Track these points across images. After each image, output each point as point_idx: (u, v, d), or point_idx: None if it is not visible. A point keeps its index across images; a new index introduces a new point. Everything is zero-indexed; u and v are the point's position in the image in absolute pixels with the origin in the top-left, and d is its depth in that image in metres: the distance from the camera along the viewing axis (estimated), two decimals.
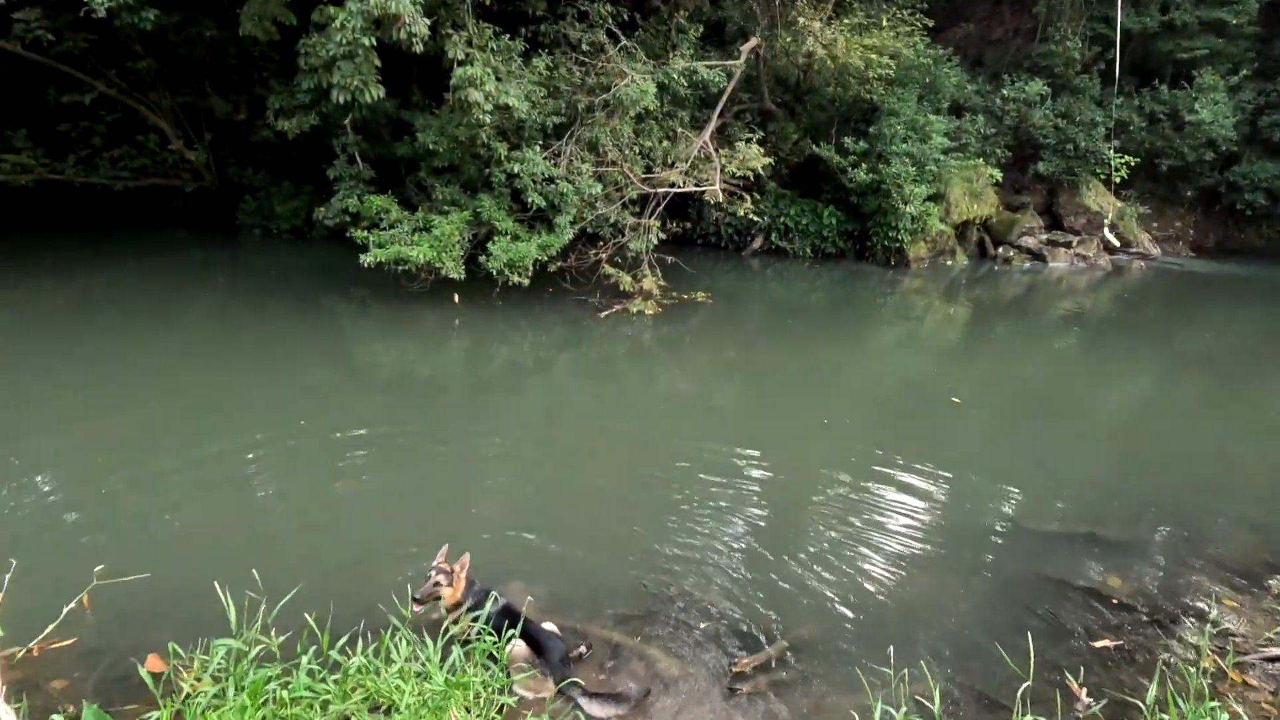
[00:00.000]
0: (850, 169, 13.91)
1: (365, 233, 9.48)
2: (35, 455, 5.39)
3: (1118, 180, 17.39)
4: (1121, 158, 16.89)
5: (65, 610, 3.34)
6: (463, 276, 9.39)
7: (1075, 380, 9.35)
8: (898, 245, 14.44)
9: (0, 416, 6.21)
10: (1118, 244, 17.65)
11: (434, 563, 3.53)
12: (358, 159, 10.65)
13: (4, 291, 10.07)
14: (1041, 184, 18.00)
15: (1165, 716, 3.05)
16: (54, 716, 2.69)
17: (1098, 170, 17.36)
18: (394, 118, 11.95)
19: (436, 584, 3.47)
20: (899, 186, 13.54)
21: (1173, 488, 6.00)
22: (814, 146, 14.47)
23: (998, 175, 16.14)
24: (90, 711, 1.33)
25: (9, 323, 8.93)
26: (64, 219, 14.52)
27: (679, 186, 11.14)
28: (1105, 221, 17.62)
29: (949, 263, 15.59)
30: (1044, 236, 17.09)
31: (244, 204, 14.37)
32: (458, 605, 3.50)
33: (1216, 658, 3.74)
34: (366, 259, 9.08)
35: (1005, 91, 16.85)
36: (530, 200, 9.74)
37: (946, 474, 6.02)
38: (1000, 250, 16.55)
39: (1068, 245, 16.82)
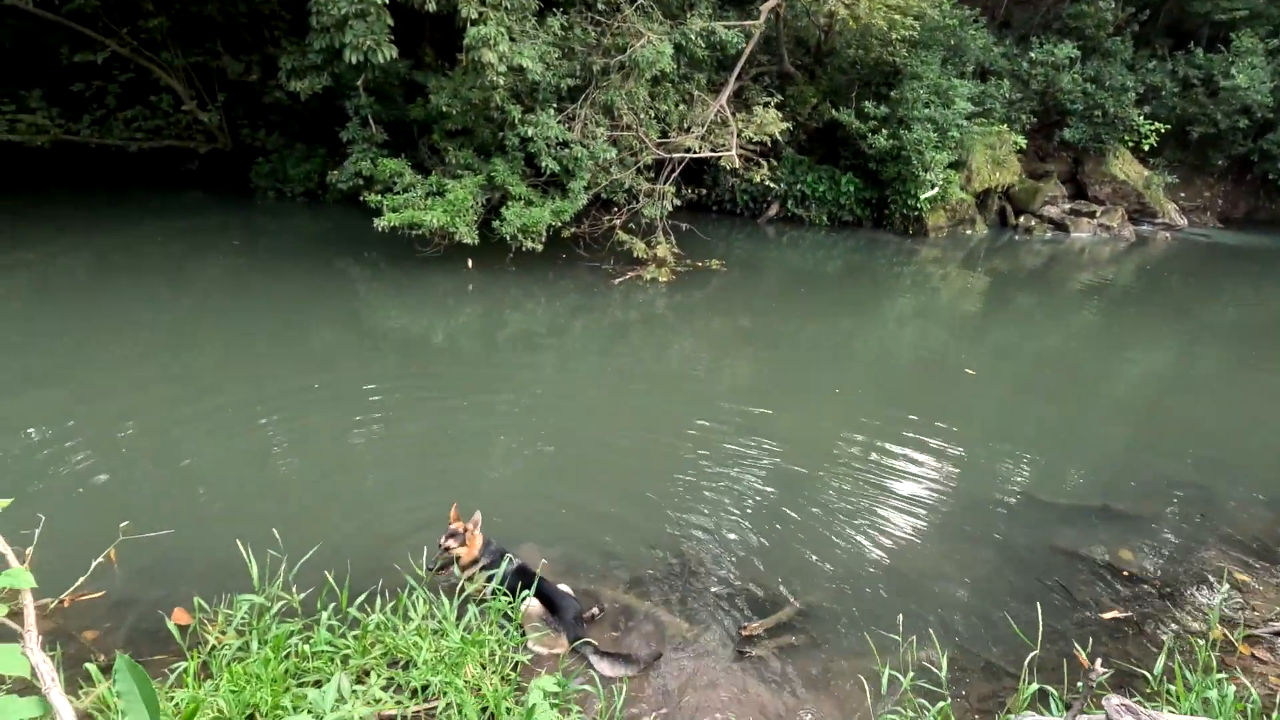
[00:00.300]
0: (870, 135, 13.61)
1: (379, 197, 9.44)
2: (56, 414, 5.50)
3: (1146, 148, 16.92)
4: (1151, 124, 16.39)
5: (94, 564, 3.43)
6: (476, 242, 9.36)
7: (1094, 353, 9.24)
8: (916, 213, 14.19)
9: (22, 376, 6.32)
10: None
11: (449, 528, 3.60)
12: (370, 121, 10.56)
13: (23, 252, 10.16)
14: (1067, 151, 17.55)
15: (1172, 687, 3.08)
16: (87, 665, 2.78)
17: (1126, 138, 16.90)
18: (406, 79, 11.79)
19: (447, 549, 3.54)
20: (919, 153, 13.24)
21: (1189, 462, 5.95)
22: (833, 111, 14.15)
23: (1022, 142, 15.75)
24: (123, 661, 1.37)
25: (28, 284, 9.04)
26: (80, 181, 14.56)
27: (695, 152, 10.96)
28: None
29: (968, 232, 15.32)
30: (1067, 206, 16.73)
31: (258, 166, 14.32)
32: (474, 562, 3.57)
33: (1226, 631, 3.75)
34: (380, 223, 9.06)
35: (1033, 54, 16.34)
36: (544, 165, 9.63)
37: (960, 444, 6.01)
38: (1021, 219, 16.22)
39: (1091, 215, 16.47)
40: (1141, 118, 16.40)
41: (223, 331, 7.77)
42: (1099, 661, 1.64)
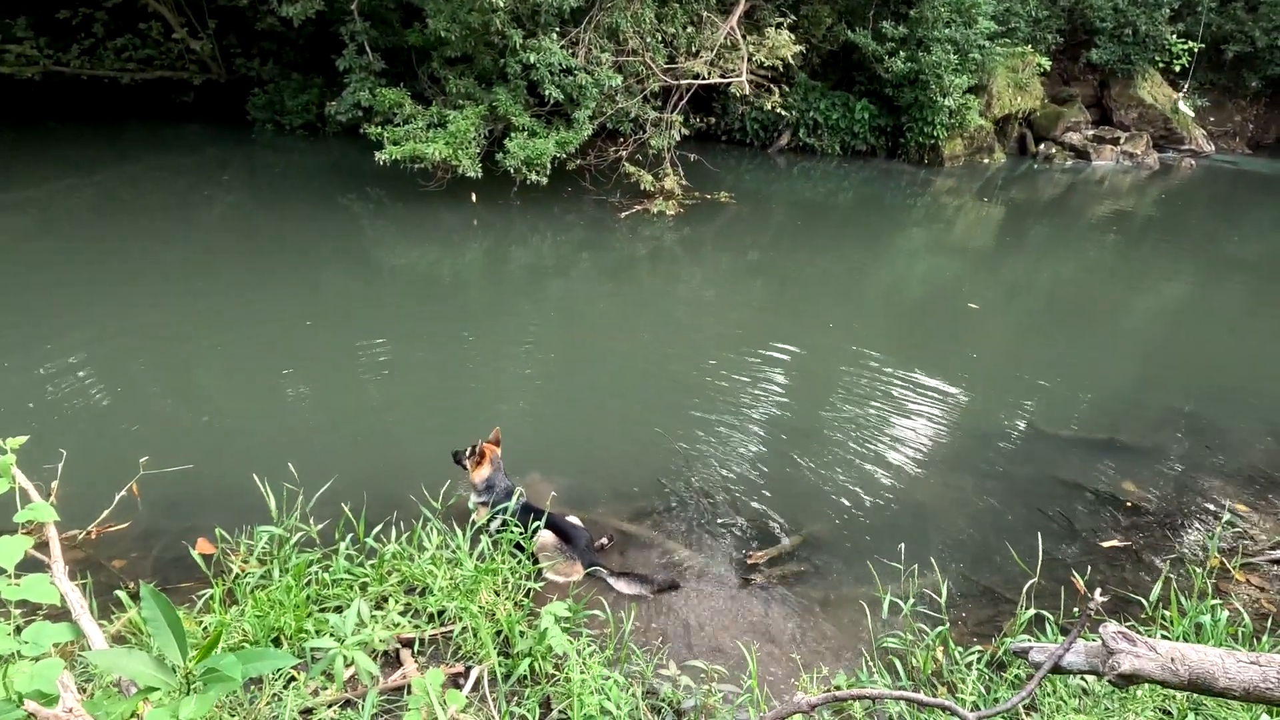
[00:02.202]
0: (887, 57, 13.02)
1: (379, 129, 9.21)
2: (71, 351, 5.54)
3: (1177, 69, 16.14)
4: (1184, 44, 15.58)
5: (117, 497, 3.53)
6: (479, 175, 9.17)
7: (1109, 285, 9.09)
8: (933, 142, 13.73)
9: (34, 315, 6.35)
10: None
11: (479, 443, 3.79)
12: (367, 48, 10.19)
13: (27, 190, 10.06)
14: (1093, 74, 16.78)
15: (1167, 613, 3.16)
16: (117, 592, 2.90)
17: (1157, 58, 16.09)
18: (404, 2, 11.30)
19: (459, 461, 3.78)
20: (938, 77, 12.69)
21: (1198, 395, 5.93)
22: (849, 33, 13.50)
23: (1046, 64, 15.05)
24: (147, 589, 1.42)
25: (34, 223, 8.98)
26: (74, 115, 14.22)
27: (703, 78, 10.54)
28: None
29: (986, 161, 14.86)
30: (1090, 132, 16.12)
31: (254, 98, 13.94)
32: (480, 488, 3.68)
33: (1224, 559, 3.82)
34: (381, 156, 8.87)
35: None
36: (547, 93, 9.31)
37: (968, 377, 6.01)
38: (1042, 147, 15.68)
39: (1115, 142, 15.89)
40: (1174, 36, 15.56)
41: (231, 269, 7.74)
42: (1098, 590, 1.67)
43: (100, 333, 6.02)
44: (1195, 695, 2.65)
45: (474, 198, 9.79)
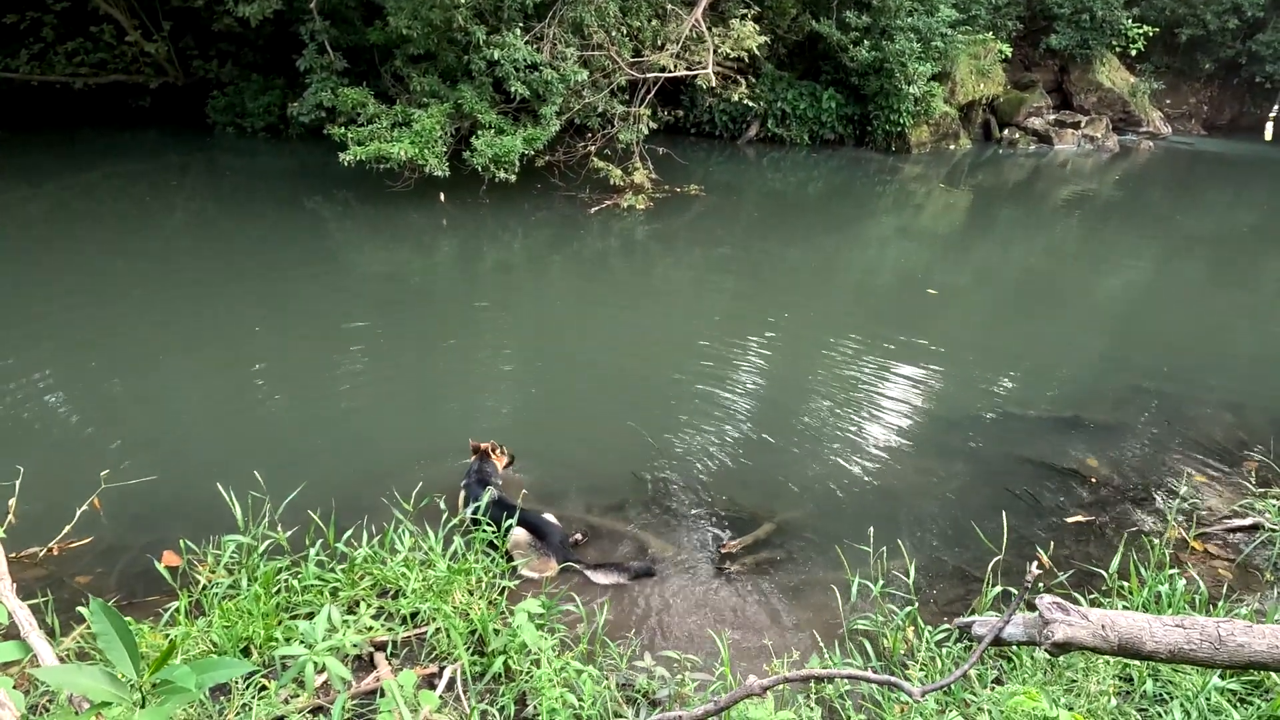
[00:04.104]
0: (851, 47, 13.13)
1: (343, 129, 9.07)
2: (28, 365, 5.40)
3: (1133, 53, 16.49)
4: (1140, 28, 15.91)
5: (79, 512, 3.46)
6: (447, 174, 9.08)
7: (1072, 267, 9.29)
8: (899, 129, 13.89)
9: None
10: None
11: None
12: (328, 48, 10.03)
13: None
14: (1053, 59, 17.10)
15: (1126, 584, 3.25)
16: (80, 608, 2.84)
17: (1114, 43, 16.42)
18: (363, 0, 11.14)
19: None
20: (902, 65, 12.83)
21: (1162, 372, 6.08)
22: (813, 22, 13.59)
23: (1007, 50, 15.29)
24: (96, 604, 1.39)
25: None
26: (24, 123, 13.77)
27: (670, 71, 10.54)
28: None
29: (952, 147, 15.06)
30: (1051, 117, 16.43)
31: (214, 100, 13.64)
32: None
33: (1182, 530, 3.93)
34: (346, 157, 8.74)
35: None
36: (513, 90, 9.24)
37: (936, 361, 6.10)
38: (1005, 133, 15.95)
39: (1075, 126, 16.21)
40: (1130, 20, 15.90)
41: (194, 276, 7.58)
42: (1033, 563, 1.72)
43: (56, 345, 5.87)
44: (1154, 664, 2.74)
45: (442, 197, 9.69)
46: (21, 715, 1.26)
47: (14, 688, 1.52)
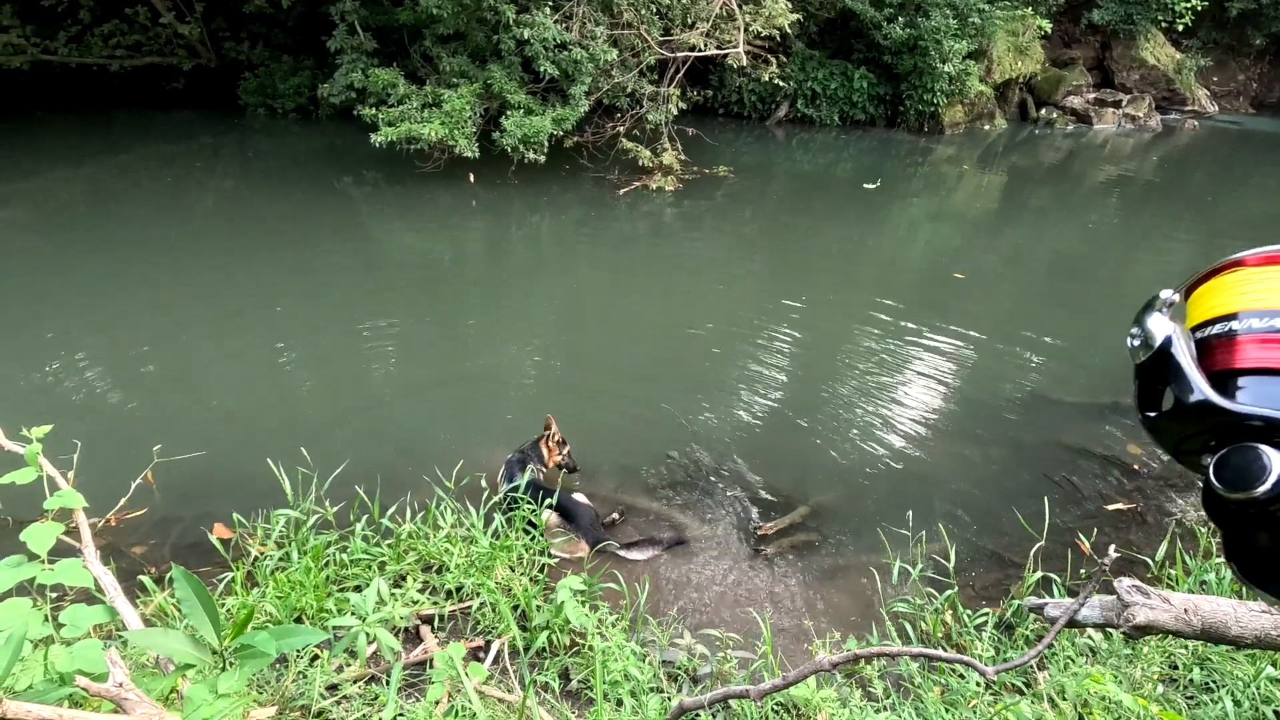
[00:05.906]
0: (885, 24, 12.84)
1: (373, 110, 9.12)
2: (74, 343, 5.56)
3: (1180, 29, 15.92)
4: (1188, 2, 15.34)
5: (134, 485, 3.57)
6: (476, 155, 9.10)
7: (1111, 250, 9.06)
8: (933, 110, 13.59)
9: (36, 308, 6.36)
10: None
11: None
12: (358, 28, 10.06)
13: (19, 183, 9.99)
14: (1094, 35, 16.56)
15: (1172, 572, 3.21)
16: (140, 577, 2.95)
17: (1159, 17, 15.86)
18: None
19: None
20: (937, 42, 12.53)
21: None
22: None
23: (1047, 27, 14.84)
24: (178, 571, 1.45)
25: (29, 216, 8.93)
26: (64, 105, 14.08)
27: (700, 50, 10.40)
28: None
29: (986, 127, 14.72)
30: (1091, 95, 15.95)
31: (245, 82, 13.78)
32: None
33: None
34: (377, 138, 8.80)
35: None
36: (542, 70, 9.20)
37: (971, 345, 6.02)
38: (1043, 112, 15.52)
39: (1116, 105, 15.72)
40: None
41: (230, 256, 7.73)
42: (1112, 547, 1.70)
43: (101, 323, 6.03)
44: (1201, 651, 2.71)
45: (471, 178, 9.72)
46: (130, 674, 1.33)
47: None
